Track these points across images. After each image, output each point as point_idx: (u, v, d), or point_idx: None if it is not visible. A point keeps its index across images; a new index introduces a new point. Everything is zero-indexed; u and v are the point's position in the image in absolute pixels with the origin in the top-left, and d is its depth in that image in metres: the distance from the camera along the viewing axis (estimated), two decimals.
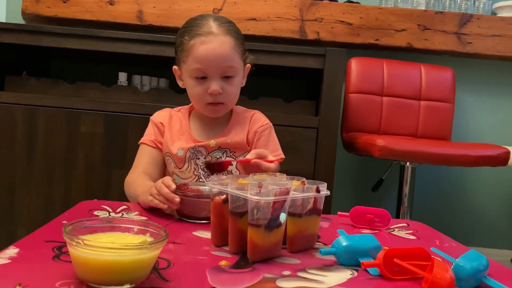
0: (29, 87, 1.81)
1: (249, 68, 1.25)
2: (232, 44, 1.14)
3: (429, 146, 1.78)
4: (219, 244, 0.80)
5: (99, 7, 2.15)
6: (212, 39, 1.12)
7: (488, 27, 2.22)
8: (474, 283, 0.68)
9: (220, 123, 1.25)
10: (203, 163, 1.18)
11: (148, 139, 1.25)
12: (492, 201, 2.41)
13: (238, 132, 1.23)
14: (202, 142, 1.20)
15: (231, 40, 1.14)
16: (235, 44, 1.15)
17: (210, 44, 1.12)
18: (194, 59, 1.13)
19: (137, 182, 1.14)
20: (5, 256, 0.64)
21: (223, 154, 1.21)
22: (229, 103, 1.20)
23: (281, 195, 0.74)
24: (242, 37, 1.20)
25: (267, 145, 1.24)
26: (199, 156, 1.20)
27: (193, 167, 1.20)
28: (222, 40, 1.13)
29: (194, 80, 1.15)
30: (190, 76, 1.16)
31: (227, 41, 1.13)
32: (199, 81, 1.15)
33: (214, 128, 1.24)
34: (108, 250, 0.56)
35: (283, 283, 0.64)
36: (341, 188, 2.29)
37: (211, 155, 1.20)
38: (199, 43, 1.12)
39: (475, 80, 2.39)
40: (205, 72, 1.13)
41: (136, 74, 2.04)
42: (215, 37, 1.12)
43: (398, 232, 1.01)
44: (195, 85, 1.15)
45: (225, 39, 1.13)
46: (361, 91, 2.15)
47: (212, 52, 1.11)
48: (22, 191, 1.72)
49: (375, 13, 2.21)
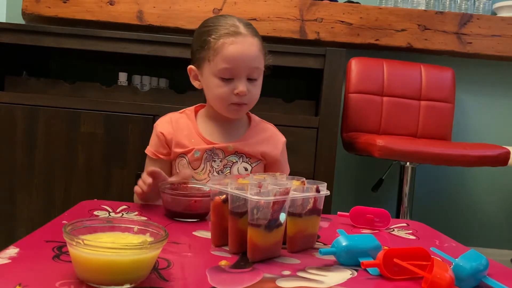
0: (29, 87, 1.81)
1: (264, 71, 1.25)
2: (259, 45, 1.16)
3: (429, 146, 1.79)
4: (219, 244, 0.80)
5: (99, 7, 2.15)
6: (241, 39, 1.12)
7: (488, 27, 2.22)
8: (474, 283, 0.68)
9: (237, 127, 1.24)
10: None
11: (150, 150, 1.25)
12: (492, 201, 2.41)
13: (258, 143, 1.23)
14: (219, 144, 1.19)
15: (258, 42, 1.16)
16: (261, 46, 1.17)
17: (240, 45, 1.12)
18: (223, 59, 1.11)
19: None
20: (5, 256, 0.64)
21: (239, 159, 1.20)
22: (251, 105, 1.19)
23: (281, 195, 0.74)
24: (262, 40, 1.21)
25: (285, 162, 1.28)
26: (215, 159, 1.19)
27: (208, 168, 1.19)
28: (250, 41, 1.13)
29: (220, 80, 1.14)
30: (216, 76, 1.14)
31: (255, 43, 1.14)
32: (226, 81, 1.13)
33: (230, 132, 1.22)
34: (108, 250, 0.56)
35: (283, 283, 0.64)
36: (341, 188, 2.29)
37: (227, 158, 1.19)
38: (229, 43, 1.11)
39: (475, 80, 2.39)
40: (233, 72, 1.12)
41: (136, 74, 2.04)
42: (244, 38, 1.13)
43: (398, 232, 1.01)
44: (221, 85, 1.14)
45: (253, 40, 1.14)
46: (361, 91, 2.15)
47: (242, 52, 1.12)
48: (22, 191, 1.72)
49: (375, 13, 2.21)
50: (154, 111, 1.69)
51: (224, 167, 1.19)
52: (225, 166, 1.19)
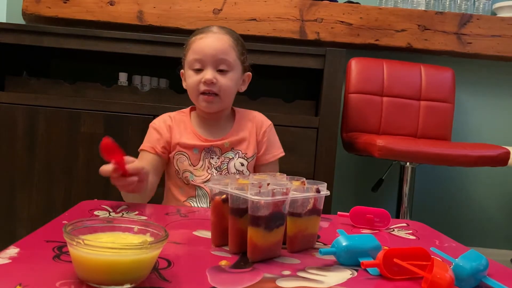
0: (29, 87, 1.81)
1: (250, 77, 1.31)
2: (229, 41, 1.23)
3: (429, 146, 1.78)
4: (219, 244, 0.80)
5: (99, 7, 2.15)
6: (211, 35, 1.23)
7: (488, 27, 2.22)
8: (473, 283, 0.68)
9: (224, 124, 1.29)
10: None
11: (148, 145, 1.26)
12: (492, 201, 2.41)
13: (246, 129, 1.29)
14: (216, 142, 1.25)
15: (228, 38, 1.23)
16: (232, 42, 1.23)
17: (209, 39, 1.22)
18: (192, 51, 1.22)
19: None
20: (5, 256, 0.64)
21: (235, 155, 1.26)
22: (223, 97, 1.23)
23: (281, 195, 0.74)
24: (242, 43, 1.28)
25: (273, 143, 1.32)
26: (213, 156, 1.24)
27: (207, 165, 1.24)
28: (219, 37, 1.23)
29: (192, 71, 1.22)
30: (189, 68, 1.23)
31: (224, 38, 1.23)
32: (196, 72, 1.22)
33: (220, 129, 1.28)
34: (108, 250, 0.56)
35: (283, 283, 0.64)
36: (341, 188, 2.29)
37: (224, 155, 1.25)
38: (199, 38, 1.23)
39: (475, 80, 2.39)
40: (201, 62, 1.21)
41: (136, 74, 2.04)
42: (214, 34, 1.23)
43: (398, 232, 1.01)
44: (192, 76, 1.22)
45: (223, 36, 1.23)
46: (361, 91, 2.15)
47: (208, 44, 1.21)
48: (22, 191, 1.72)
49: (375, 14, 2.21)
50: (154, 111, 1.69)
51: (221, 163, 1.25)
52: (223, 163, 1.25)
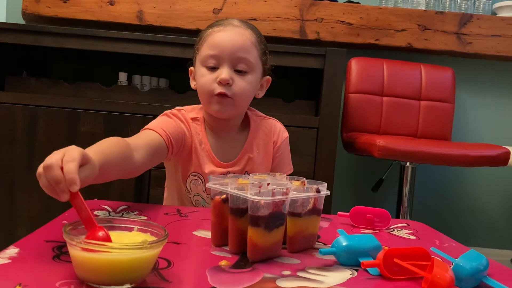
0: (29, 87, 1.81)
1: (269, 82, 1.16)
2: (251, 37, 1.05)
3: (429, 146, 1.79)
4: (219, 244, 0.80)
5: (99, 7, 2.15)
6: (230, 28, 1.05)
7: (488, 27, 2.22)
8: (474, 283, 0.68)
9: (237, 136, 1.14)
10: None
11: (159, 128, 1.03)
12: (492, 201, 2.41)
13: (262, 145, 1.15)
14: (234, 169, 1.11)
15: (251, 34, 1.06)
16: (255, 39, 1.06)
17: (228, 32, 1.04)
18: (208, 46, 1.04)
19: (105, 141, 0.91)
20: (5, 256, 0.64)
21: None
22: (238, 102, 1.05)
23: (280, 195, 0.74)
24: (265, 42, 1.11)
25: (283, 159, 1.19)
26: None
27: None
28: (240, 31, 1.05)
29: (205, 69, 1.05)
30: (202, 65, 1.05)
31: (246, 33, 1.05)
32: (210, 70, 1.04)
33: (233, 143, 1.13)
34: (108, 250, 0.56)
35: (283, 283, 0.64)
36: (341, 188, 2.29)
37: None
38: (216, 31, 1.05)
39: (475, 80, 2.39)
40: (217, 59, 1.03)
41: (136, 74, 2.04)
42: (234, 28, 1.05)
43: (398, 232, 1.00)
44: (205, 74, 1.04)
45: (245, 31, 1.05)
46: (361, 91, 2.15)
47: (227, 38, 1.03)
48: (22, 191, 1.72)
49: (375, 13, 2.21)
50: (154, 111, 1.69)
51: None
52: None
